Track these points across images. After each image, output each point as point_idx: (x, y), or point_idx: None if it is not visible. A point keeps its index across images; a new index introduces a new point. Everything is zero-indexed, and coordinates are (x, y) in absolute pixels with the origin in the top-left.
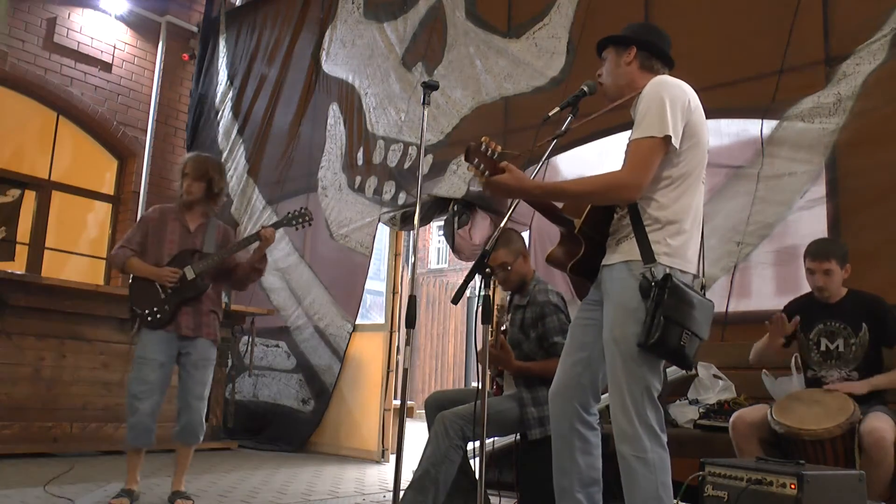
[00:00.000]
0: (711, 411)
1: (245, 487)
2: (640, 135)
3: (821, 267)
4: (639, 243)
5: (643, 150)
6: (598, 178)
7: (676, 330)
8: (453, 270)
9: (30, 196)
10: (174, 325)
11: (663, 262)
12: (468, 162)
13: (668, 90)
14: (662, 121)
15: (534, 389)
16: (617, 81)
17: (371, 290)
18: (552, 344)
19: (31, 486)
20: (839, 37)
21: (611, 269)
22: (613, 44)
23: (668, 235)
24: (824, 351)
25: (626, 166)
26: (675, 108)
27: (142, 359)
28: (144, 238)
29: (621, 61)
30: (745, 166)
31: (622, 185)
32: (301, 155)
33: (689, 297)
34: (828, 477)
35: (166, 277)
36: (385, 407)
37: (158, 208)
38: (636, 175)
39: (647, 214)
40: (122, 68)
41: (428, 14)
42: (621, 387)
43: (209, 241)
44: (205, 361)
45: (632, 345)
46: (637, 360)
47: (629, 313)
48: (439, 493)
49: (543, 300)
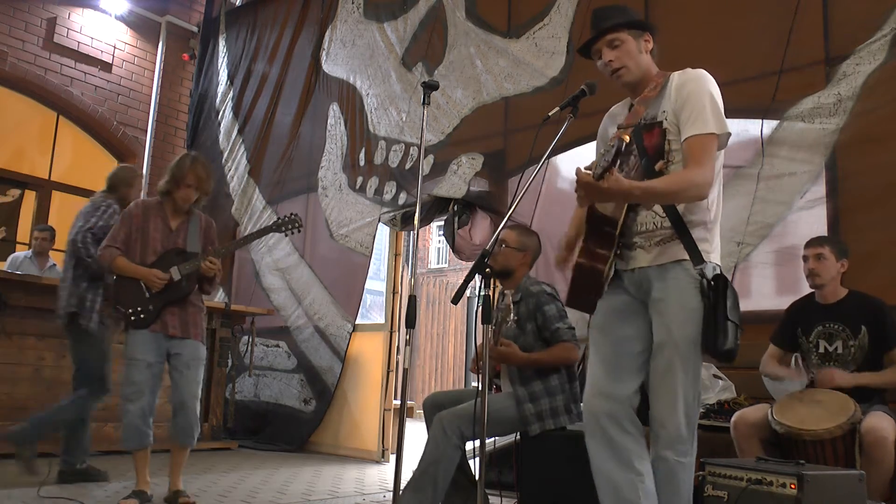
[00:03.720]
0: (712, 411)
1: (245, 487)
2: (701, 131)
3: (813, 252)
4: (686, 245)
5: (709, 147)
6: (680, 176)
7: (734, 329)
8: (453, 270)
9: (30, 196)
10: (160, 324)
11: (712, 259)
12: (617, 160)
13: (714, 86)
14: (719, 118)
15: (529, 385)
16: (641, 68)
17: (371, 290)
18: (555, 331)
19: (31, 486)
20: (839, 37)
21: (661, 269)
22: (629, 28)
23: (710, 232)
24: (823, 353)
25: (697, 164)
26: (721, 104)
27: (129, 360)
28: (128, 235)
29: (641, 47)
30: (745, 166)
31: (705, 182)
32: (301, 155)
33: (734, 293)
34: (828, 477)
35: (155, 280)
36: (385, 407)
37: (140, 203)
38: (710, 172)
39: (691, 214)
40: (122, 68)
41: (428, 14)
42: (676, 390)
43: (192, 238)
44: (196, 361)
45: (693, 347)
46: (696, 363)
47: (690, 314)
48: (437, 492)
49: (537, 290)
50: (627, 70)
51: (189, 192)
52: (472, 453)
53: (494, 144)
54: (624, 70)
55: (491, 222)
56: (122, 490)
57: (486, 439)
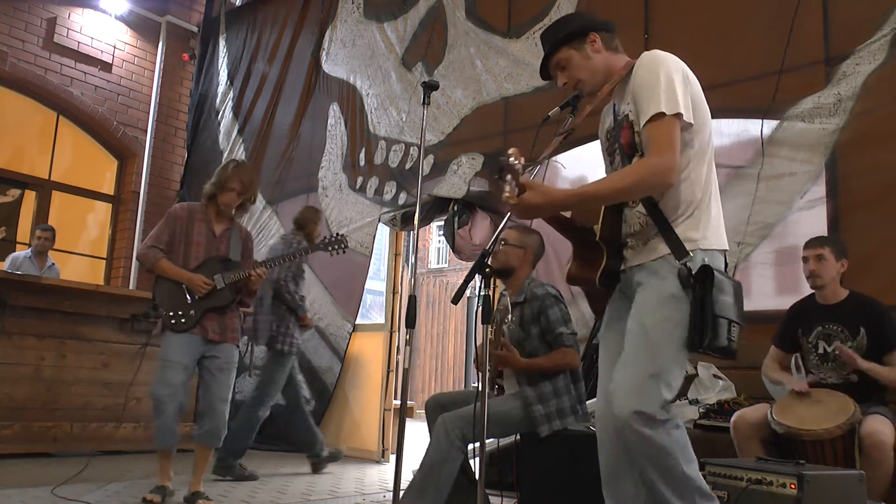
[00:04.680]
0: (712, 411)
1: (245, 487)
2: (655, 116)
3: (813, 252)
4: (667, 240)
5: (670, 130)
6: (633, 170)
7: (725, 325)
8: (453, 270)
9: (30, 196)
10: (200, 328)
11: (708, 245)
12: (501, 181)
13: (666, 63)
14: (672, 97)
15: (537, 387)
16: (597, 72)
17: (371, 290)
18: (557, 335)
19: (30, 486)
20: (839, 37)
21: (642, 267)
22: (566, 43)
23: (701, 219)
24: (822, 354)
25: (654, 150)
26: (680, 82)
27: (166, 361)
28: (172, 237)
29: (588, 52)
30: (746, 166)
31: (661, 170)
32: (301, 155)
33: (728, 286)
34: (828, 477)
35: (200, 285)
36: (385, 407)
37: (186, 206)
38: (669, 157)
39: (671, 204)
40: (122, 68)
41: (428, 14)
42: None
43: (235, 247)
44: (230, 365)
45: (663, 333)
46: (666, 351)
47: (665, 299)
48: (440, 495)
49: (542, 293)
50: (583, 82)
51: (232, 195)
52: (473, 453)
53: (494, 144)
54: (580, 84)
55: (491, 222)
56: (122, 490)
57: (491, 440)
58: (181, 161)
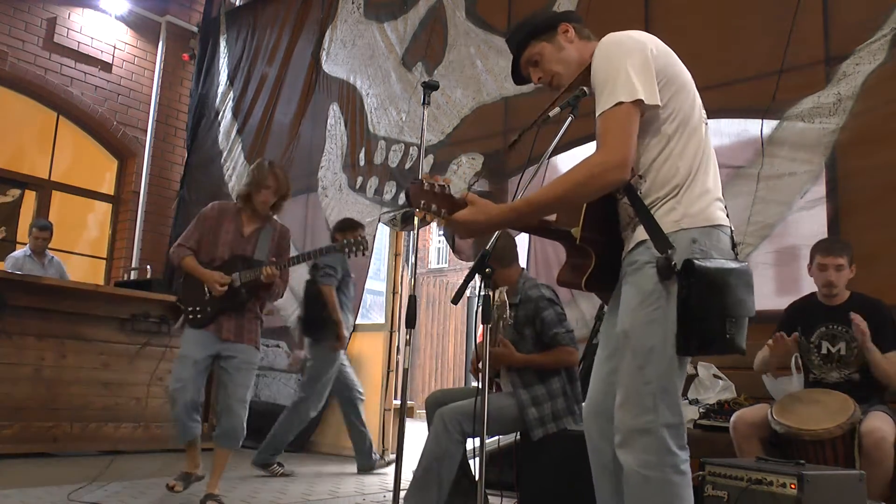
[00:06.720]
0: (711, 411)
1: (245, 487)
2: (606, 105)
3: (834, 262)
4: (647, 228)
5: (617, 121)
6: (575, 171)
7: (715, 323)
8: (453, 270)
9: (30, 196)
10: (215, 326)
11: (685, 225)
12: (416, 208)
13: (618, 47)
14: (626, 83)
15: (531, 389)
16: (571, 63)
17: (371, 290)
18: (553, 336)
19: (30, 486)
20: (839, 37)
21: (626, 258)
22: (536, 36)
23: (686, 200)
24: (825, 354)
25: (600, 145)
26: (636, 64)
27: (181, 356)
28: (201, 237)
29: (560, 43)
30: (746, 166)
31: (606, 167)
32: (301, 155)
33: (721, 277)
34: (828, 477)
35: (215, 284)
36: (385, 407)
37: (217, 206)
38: (617, 150)
39: (651, 190)
40: (122, 68)
41: (428, 14)
42: (625, 384)
43: (261, 247)
44: (248, 365)
45: (643, 338)
46: (654, 357)
47: (645, 296)
48: (442, 489)
49: (536, 295)
50: (559, 76)
51: (268, 194)
52: (473, 453)
53: (494, 144)
54: (556, 77)
55: None
56: (122, 490)
57: (488, 438)
58: (181, 161)
